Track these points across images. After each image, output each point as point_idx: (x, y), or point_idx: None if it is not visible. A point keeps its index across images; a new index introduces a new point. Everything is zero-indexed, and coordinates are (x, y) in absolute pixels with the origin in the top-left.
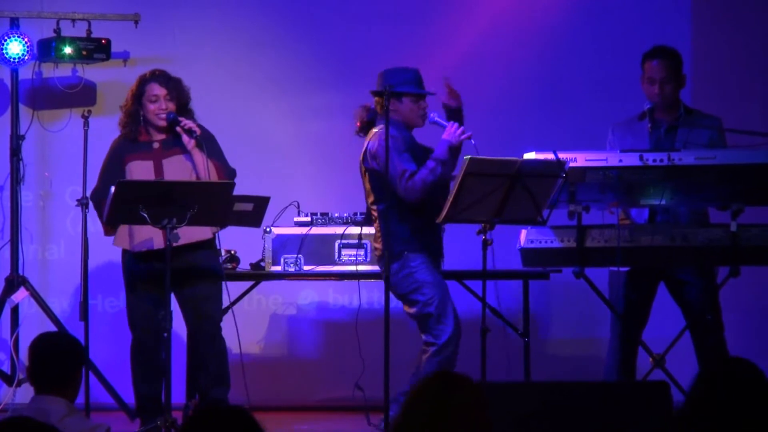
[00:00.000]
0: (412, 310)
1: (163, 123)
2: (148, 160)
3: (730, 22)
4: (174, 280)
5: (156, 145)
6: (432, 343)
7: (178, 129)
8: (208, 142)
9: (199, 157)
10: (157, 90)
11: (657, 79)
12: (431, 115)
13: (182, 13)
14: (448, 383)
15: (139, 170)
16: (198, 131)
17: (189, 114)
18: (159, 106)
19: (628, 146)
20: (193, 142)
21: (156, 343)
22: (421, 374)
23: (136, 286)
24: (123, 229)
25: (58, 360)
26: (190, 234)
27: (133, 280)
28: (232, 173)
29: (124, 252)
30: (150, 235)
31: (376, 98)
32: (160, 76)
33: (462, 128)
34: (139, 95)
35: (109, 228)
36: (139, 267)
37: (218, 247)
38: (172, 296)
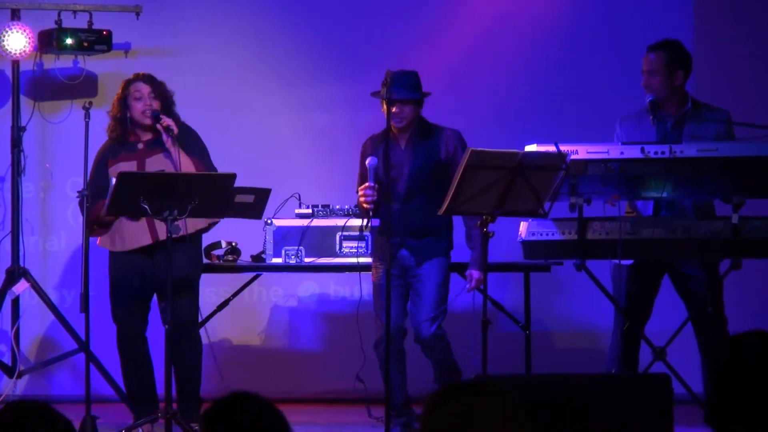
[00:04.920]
0: None
1: (148, 121)
2: (131, 160)
3: (732, 15)
4: (154, 274)
5: (141, 146)
6: None
7: (158, 126)
8: (191, 141)
9: (176, 154)
10: (142, 87)
11: (644, 71)
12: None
13: (183, 4)
14: (464, 393)
15: (123, 170)
16: (175, 129)
17: (174, 115)
18: (144, 103)
19: (635, 140)
20: (170, 140)
21: (139, 338)
22: None
23: (122, 286)
24: (110, 232)
25: None
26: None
27: (119, 280)
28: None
29: (112, 254)
30: (138, 233)
31: None
32: (143, 76)
33: (365, 195)
34: (124, 97)
35: (95, 228)
36: (125, 266)
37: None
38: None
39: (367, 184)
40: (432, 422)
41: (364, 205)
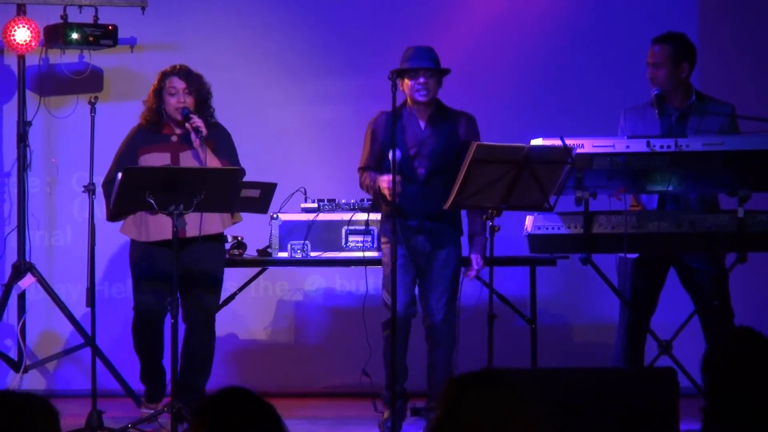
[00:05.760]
0: None
1: (179, 117)
2: (165, 152)
3: (737, 10)
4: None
5: (174, 138)
6: None
7: (187, 125)
8: (222, 142)
9: (202, 154)
10: (177, 83)
11: (650, 63)
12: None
13: None
14: (468, 383)
15: (155, 162)
16: (204, 131)
17: (208, 110)
18: (178, 99)
19: (639, 133)
20: (198, 140)
21: (158, 325)
22: None
23: (145, 278)
24: (137, 220)
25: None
26: (201, 227)
27: (142, 273)
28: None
29: (134, 242)
30: (165, 225)
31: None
32: (180, 71)
33: (390, 186)
34: (159, 90)
35: (115, 216)
36: (147, 259)
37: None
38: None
39: (394, 177)
40: (450, 409)
41: (390, 197)
